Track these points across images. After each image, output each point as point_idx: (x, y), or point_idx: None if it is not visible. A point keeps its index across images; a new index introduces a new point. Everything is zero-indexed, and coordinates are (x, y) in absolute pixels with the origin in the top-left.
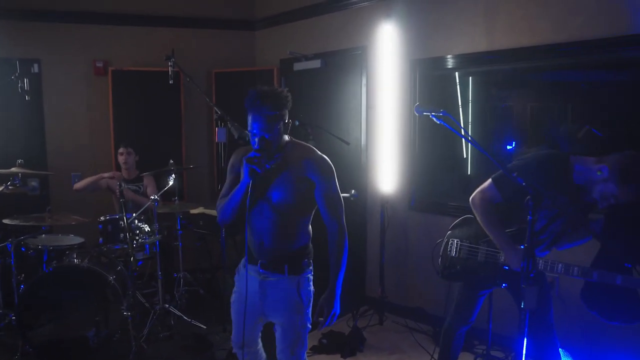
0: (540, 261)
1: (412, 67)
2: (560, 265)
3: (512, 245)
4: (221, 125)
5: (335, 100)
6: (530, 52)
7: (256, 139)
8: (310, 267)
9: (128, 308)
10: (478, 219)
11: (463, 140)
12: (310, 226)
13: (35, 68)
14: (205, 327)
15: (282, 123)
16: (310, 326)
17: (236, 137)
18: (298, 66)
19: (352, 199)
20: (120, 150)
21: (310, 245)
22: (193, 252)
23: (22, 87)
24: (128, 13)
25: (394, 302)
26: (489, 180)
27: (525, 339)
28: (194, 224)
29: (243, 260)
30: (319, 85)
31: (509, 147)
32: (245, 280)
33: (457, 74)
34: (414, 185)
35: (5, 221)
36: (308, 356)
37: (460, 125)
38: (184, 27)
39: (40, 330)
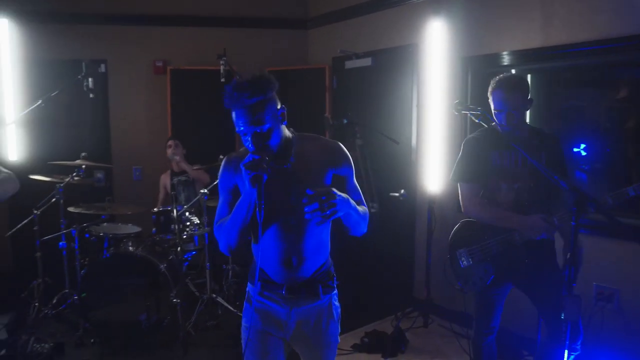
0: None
1: (464, 65)
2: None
3: (523, 217)
4: None
5: (385, 98)
6: (594, 47)
7: (248, 138)
8: (335, 285)
9: (177, 295)
10: (485, 221)
11: None
12: None
13: (102, 68)
14: None
15: (273, 110)
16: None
17: None
18: (349, 64)
19: (401, 198)
20: (169, 142)
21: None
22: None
23: (87, 86)
24: (186, 14)
25: (440, 305)
26: (458, 185)
27: (566, 352)
28: None
29: (254, 288)
30: (369, 83)
31: (577, 150)
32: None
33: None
34: None
35: (70, 209)
36: (348, 354)
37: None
38: (239, 27)
39: (99, 310)
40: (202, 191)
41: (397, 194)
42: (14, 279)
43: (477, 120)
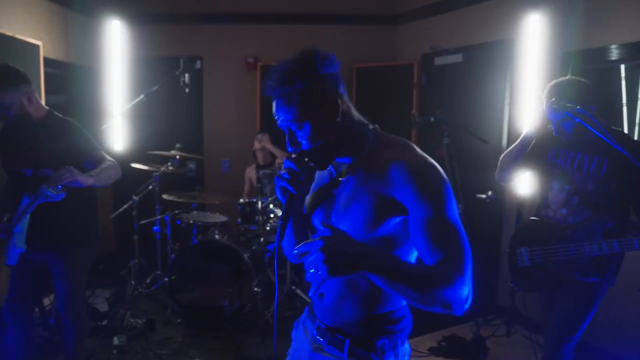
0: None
1: (564, 61)
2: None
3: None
4: None
5: (475, 96)
6: None
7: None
8: (394, 352)
9: (258, 285)
10: (508, 166)
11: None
12: None
13: (198, 64)
14: None
15: (315, 100)
16: None
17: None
18: (439, 61)
19: (487, 200)
20: (259, 136)
21: (404, 313)
22: None
23: (183, 82)
24: (277, 12)
25: (525, 315)
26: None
27: None
28: None
29: (306, 311)
30: (459, 80)
31: None
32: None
33: (622, 66)
34: None
35: (164, 196)
36: (425, 356)
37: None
38: (328, 23)
39: (186, 293)
40: None
41: (484, 196)
42: (116, 258)
43: (576, 120)
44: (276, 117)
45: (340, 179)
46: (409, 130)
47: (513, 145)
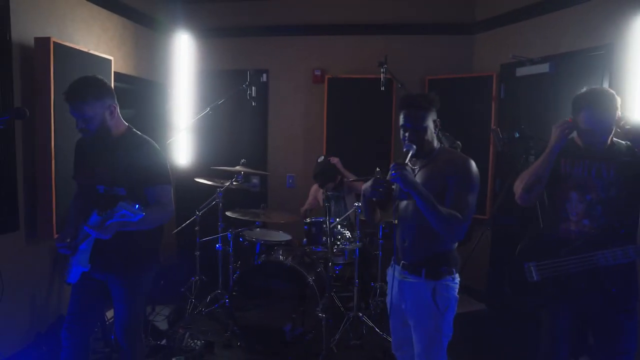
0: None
1: None
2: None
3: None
4: None
5: (563, 109)
6: None
7: (406, 134)
8: (452, 275)
9: (323, 310)
10: (528, 183)
11: None
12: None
13: (264, 77)
14: None
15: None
16: (450, 334)
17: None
18: (521, 71)
19: None
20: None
21: (455, 252)
22: None
23: (250, 95)
24: (344, 23)
25: None
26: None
27: None
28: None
29: (393, 259)
30: (546, 92)
31: None
32: (392, 280)
33: None
34: None
35: (228, 213)
36: None
37: None
38: (399, 33)
39: (247, 314)
40: (355, 204)
41: None
42: (178, 273)
43: None
44: (404, 122)
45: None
46: (487, 147)
47: (538, 163)
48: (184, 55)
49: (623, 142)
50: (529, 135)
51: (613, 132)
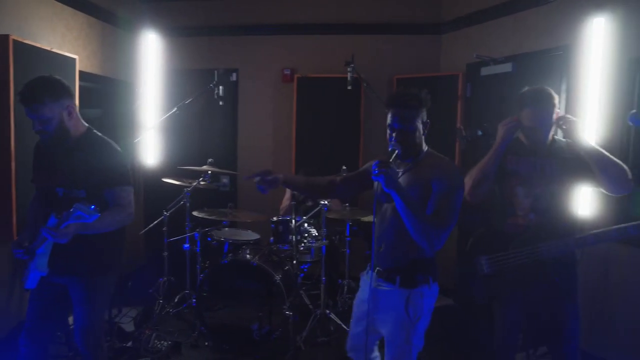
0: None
1: (631, 67)
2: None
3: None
4: None
5: None
6: None
7: (393, 134)
8: (428, 284)
9: (290, 308)
10: (477, 179)
11: None
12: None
13: (234, 77)
14: None
15: (421, 120)
16: (420, 346)
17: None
18: (486, 71)
19: None
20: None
21: (434, 260)
22: (361, 260)
23: (217, 94)
24: (313, 22)
25: (586, 350)
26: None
27: None
28: (365, 231)
29: (369, 265)
30: (509, 91)
31: None
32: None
33: None
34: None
35: (194, 213)
36: None
37: None
38: (367, 33)
39: (214, 314)
40: (322, 202)
41: None
42: (146, 275)
43: None
44: (392, 122)
45: (407, 161)
46: (453, 145)
47: (486, 159)
48: (151, 54)
49: (563, 139)
50: (492, 133)
51: (553, 129)
